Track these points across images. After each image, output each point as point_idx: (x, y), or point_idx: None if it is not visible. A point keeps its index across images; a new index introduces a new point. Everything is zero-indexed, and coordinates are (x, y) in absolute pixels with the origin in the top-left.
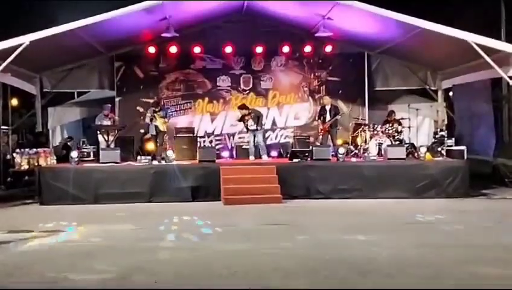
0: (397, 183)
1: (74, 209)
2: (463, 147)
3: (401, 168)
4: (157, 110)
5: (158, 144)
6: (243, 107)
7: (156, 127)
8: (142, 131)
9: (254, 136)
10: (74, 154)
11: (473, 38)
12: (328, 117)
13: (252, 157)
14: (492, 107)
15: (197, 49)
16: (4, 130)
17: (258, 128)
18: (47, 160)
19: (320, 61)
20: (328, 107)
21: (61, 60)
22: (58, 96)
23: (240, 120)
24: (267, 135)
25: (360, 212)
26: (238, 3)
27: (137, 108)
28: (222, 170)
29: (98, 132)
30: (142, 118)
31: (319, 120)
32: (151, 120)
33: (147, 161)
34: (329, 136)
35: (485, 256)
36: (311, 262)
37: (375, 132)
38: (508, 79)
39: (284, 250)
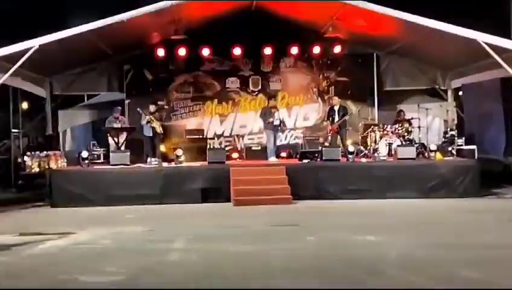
0: (407, 184)
1: (85, 212)
2: (473, 147)
3: (411, 168)
4: (153, 112)
5: (155, 146)
6: (275, 98)
7: (153, 128)
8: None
9: (274, 135)
10: (84, 155)
11: (483, 38)
12: (336, 118)
13: (273, 158)
14: (502, 106)
15: (205, 51)
16: (15, 134)
17: (281, 126)
18: (57, 163)
19: (329, 62)
20: (336, 108)
21: (70, 63)
22: (68, 99)
23: (262, 114)
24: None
25: (370, 212)
26: (246, 5)
27: (138, 109)
28: (232, 171)
29: (108, 135)
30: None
31: (328, 121)
32: (147, 122)
33: (157, 162)
34: (338, 136)
35: (497, 256)
36: (321, 262)
37: (385, 132)
38: None
39: (294, 251)
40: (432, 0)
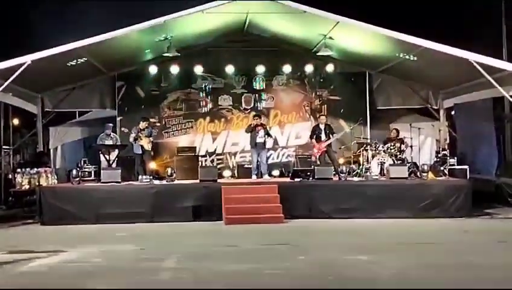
0: (399, 203)
1: (75, 229)
2: (465, 167)
3: (404, 188)
4: (142, 129)
5: (145, 164)
6: (259, 116)
7: (142, 146)
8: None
9: (258, 154)
10: (75, 173)
11: (475, 58)
12: (323, 136)
13: (254, 177)
14: (494, 126)
15: (198, 69)
16: (5, 150)
17: (265, 145)
18: (48, 180)
19: (321, 80)
20: (322, 126)
21: (62, 79)
22: (60, 116)
23: (248, 130)
24: (268, 154)
25: (362, 232)
26: (239, 23)
27: (122, 129)
28: (223, 190)
29: (100, 152)
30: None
31: (312, 139)
32: (135, 140)
33: (148, 180)
34: (326, 155)
35: (488, 276)
36: (312, 282)
37: (377, 151)
38: (510, 98)
39: (286, 270)
40: (426, 20)
